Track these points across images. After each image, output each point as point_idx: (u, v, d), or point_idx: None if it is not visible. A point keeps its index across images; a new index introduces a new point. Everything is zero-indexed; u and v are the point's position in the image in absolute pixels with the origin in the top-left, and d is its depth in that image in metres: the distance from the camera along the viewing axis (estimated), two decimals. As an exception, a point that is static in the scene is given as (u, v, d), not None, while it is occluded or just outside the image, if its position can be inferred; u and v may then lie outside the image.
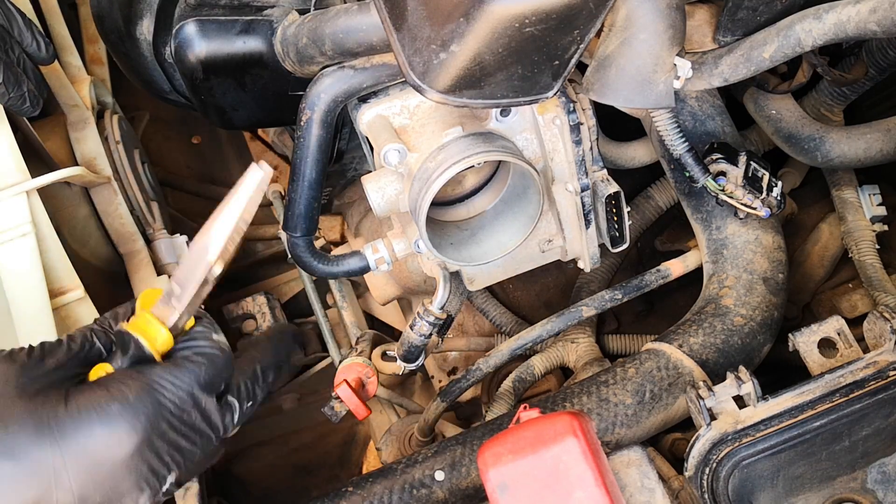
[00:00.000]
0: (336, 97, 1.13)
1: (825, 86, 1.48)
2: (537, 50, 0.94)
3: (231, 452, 1.97)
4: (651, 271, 1.43)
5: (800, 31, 1.05)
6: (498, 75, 0.96)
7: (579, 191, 1.21)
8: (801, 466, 1.02)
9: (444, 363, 1.73)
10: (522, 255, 1.32)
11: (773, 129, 1.48)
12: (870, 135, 1.42)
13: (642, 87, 1.08)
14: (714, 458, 0.99)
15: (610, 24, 1.08)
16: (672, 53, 1.08)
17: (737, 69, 1.14)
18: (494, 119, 1.17)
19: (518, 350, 1.39)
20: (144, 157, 1.75)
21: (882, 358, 1.03)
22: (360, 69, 1.12)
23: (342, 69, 1.13)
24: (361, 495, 1.19)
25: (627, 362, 1.28)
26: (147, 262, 1.59)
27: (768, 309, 1.34)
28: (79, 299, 1.35)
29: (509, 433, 0.93)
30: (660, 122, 1.29)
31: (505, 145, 1.15)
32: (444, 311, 1.25)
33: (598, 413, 1.22)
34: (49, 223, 1.35)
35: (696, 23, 1.20)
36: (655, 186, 1.63)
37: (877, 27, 0.95)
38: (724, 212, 1.41)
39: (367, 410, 1.33)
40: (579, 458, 0.90)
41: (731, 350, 1.29)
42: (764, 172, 1.37)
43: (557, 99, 1.17)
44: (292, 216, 1.22)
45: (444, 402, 1.41)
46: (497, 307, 1.67)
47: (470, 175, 1.24)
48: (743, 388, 1.02)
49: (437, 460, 1.21)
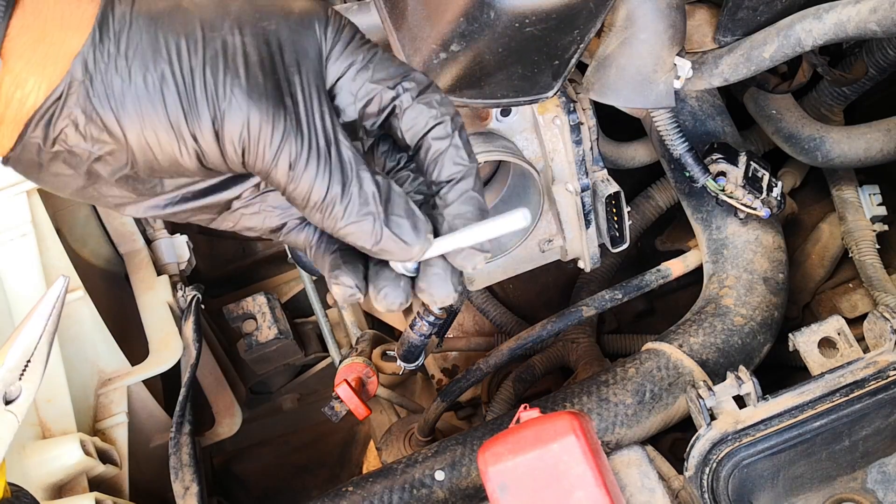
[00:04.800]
0: (336, 97, 1.13)
1: (825, 86, 1.48)
2: (537, 50, 0.95)
3: (231, 452, 1.98)
4: (651, 271, 1.43)
5: (800, 31, 1.05)
6: (498, 75, 0.97)
7: (579, 191, 1.21)
8: (801, 466, 1.02)
9: (444, 363, 1.73)
10: (522, 255, 1.32)
11: (774, 129, 1.48)
12: (870, 135, 1.42)
13: (642, 87, 1.08)
14: (714, 458, 0.99)
15: (610, 24, 1.08)
16: (672, 53, 1.08)
17: (737, 69, 1.14)
18: (494, 119, 1.17)
19: (518, 350, 1.39)
20: (144, 157, 1.74)
21: (882, 358, 1.03)
22: (360, 69, 1.12)
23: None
24: (361, 495, 1.19)
25: (627, 362, 1.28)
26: (147, 262, 1.60)
27: (768, 309, 1.34)
28: (79, 299, 1.35)
29: (509, 433, 0.93)
30: (660, 122, 1.29)
31: (505, 145, 1.15)
32: (444, 311, 1.25)
33: (598, 413, 1.22)
34: (49, 223, 1.35)
35: (696, 23, 1.20)
36: (655, 186, 1.63)
37: (877, 27, 0.95)
38: (724, 212, 1.41)
39: (367, 410, 1.33)
40: (579, 457, 0.90)
41: (732, 350, 1.29)
42: (764, 172, 1.37)
43: (557, 99, 1.17)
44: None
45: (444, 402, 1.41)
46: (497, 307, 1.67)
47: (470, 175, 1.24)
48: (743, 388, 1.02)
49: (437, 460, 1.21)
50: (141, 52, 0.60)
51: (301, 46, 0.63)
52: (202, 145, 0.61)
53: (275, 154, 0.61)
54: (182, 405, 1.38)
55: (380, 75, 0.65)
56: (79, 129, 0.60)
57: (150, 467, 1.46)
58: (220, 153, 0.61)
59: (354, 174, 0.62)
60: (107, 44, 0.60)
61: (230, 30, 0.61)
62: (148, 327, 1.50)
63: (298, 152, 0.61)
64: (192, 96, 0.59)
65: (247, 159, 0.61)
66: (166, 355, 1.44)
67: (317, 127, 0.62)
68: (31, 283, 1.30)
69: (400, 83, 0.65)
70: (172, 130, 0.60)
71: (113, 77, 0.59)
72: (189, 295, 1.52)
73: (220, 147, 0.61)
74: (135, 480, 1.34)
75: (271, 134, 0.60)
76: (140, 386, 1.44)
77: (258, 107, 0.60)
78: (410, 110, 0.65)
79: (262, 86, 0.60)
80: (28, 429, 1.25)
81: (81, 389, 1.35)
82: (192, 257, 1.67)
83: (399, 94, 0.65)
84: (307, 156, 0.61)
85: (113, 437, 1.36)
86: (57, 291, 0.75)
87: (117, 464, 1.31)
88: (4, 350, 0.74)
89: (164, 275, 1.58)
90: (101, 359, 1.41)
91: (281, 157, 0.61)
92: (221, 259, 2.00)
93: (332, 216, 0.63)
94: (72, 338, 1.35)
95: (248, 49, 0.61)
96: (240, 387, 1.76)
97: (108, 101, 0.59)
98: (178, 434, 1.35)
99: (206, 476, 1.41)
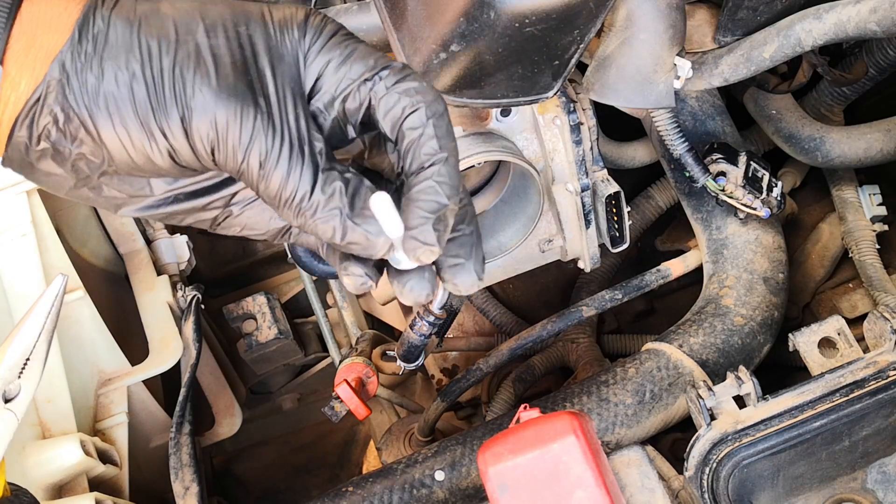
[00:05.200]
0: (336, 97, 1.13)
1: (825, 86, 1.48)
2: (537, 50, 0.95)
3: (231, 452, 1.98)
4: (651, 271, 1.43)
5: (800, 31, 1.05)
6: (498, 75, 0.97)
7: (579, 191, 1.21)
8: (801, 466, 1.02)
9: (444, 363, 1.73)
10: (522, 255, 1.32)
11: (774, 129, 1.48)
12: (870, 135, 1.42)
13: (642, 87, 1.08)
14: (714, 458, 0.99)
15: (610, 24, 1.08)
16: (672, 53, 1.08)
17: (737, 69, 1.14)
18: (494, 119, 1.17)
19: (518, 350, 1.39)
20: (144, 157, 1.74)
21: (882, 358, 1.03)
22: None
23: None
24: (361, 495, 1.19)
25: (627, 362, 1.28)
26: (147, 262, 1.60)
27: (768, 309, 1.34)
28: (79, 299, 1.35)
29: (509, 433, 0.93)
30: (660, 122, 1.29)
31: (505, 145, 1.15)
32: (445, 311, 1.25)
33: (598, 413, 1.22)
34: (49, 223, 1.35)
35: (696, 23, 1.20)
36: (655, 186, 1.63)
37: (877, 27, 0.95)
38: (724, 212, 1.41)
39: (367, 410, 1.33)
40: (579, 457, 0.90)
41: (731, 350, 1.29)
42: (764, 172, 1.37)
43: (557, 99, 1.17)
44: (292, 216, 1.22)
45: (444, 402, 1.41)
46: (497, 307, 1.67)
47: (470, 175, 1.24)
48: (743, 388, 1.02)
49: (437, 460, 1.21)
50: (115, 52, 0.61)
51: (277, 50, 0.65)
52: (172, 143, 0.62)
53: (245, 152, 0.61)
54: (182, 405, 1.38)
55: (357, 68, 0.66)
56: (59, 127, 0.62)
57: (150, 467, 1.46)
58: (192, 151, 0.62)
59: (321, 171, 0.63)
60: (85, 45, 0.61)
61: (205, 33, 0.63)
62: (148, 327, 1.50)
63: (268, 150, 0.61)
64: (162, 94, 0.61)
65: (217, 157, 0.62)
66: (166, 355, 1.44)
67: (290, 126, 0.62)
68: (31, 283, 1.30)
69: (377, 73, 0.66)
70: (142, 128, 0.61)
71: (88, 76, 0.61)
72: (189, 295, 1.52)
73: (190, 144, 0.62)
74: (135, 480, 1.34)
75: (239, 131, 0.61)
76: (140, 386, 1.44)
77: (226, 105, 0.61)
78: (385, 99, 0.65)
79: (233, 86, 0.61)
80: (28, 429, 1.25)
81: (81, 389, 1.35)
82: (192, 257, 1.68)
83: (375, 83, 0.65)
84: (277, 154, 0.62)
85: (113, 437, 1.36)
86: (55, 290, 0.75)
87: (117, 464, 1.31)
88: (3, 348, 0.74)
89: (164, 275, 1.58)
90: (101, 359, 1.41)
91: (251, 155, 0.61)
92: (221, 259, 2.00)
93: (303, 213, 0.63)
94: (72, 338, 1.35)
95: (221, 51, 0.62)
96: (240, 387, 1.76)
97: (82, 98, 0.61)
98: (178, 434, 1.35)
99: (206, 476, 1.41)
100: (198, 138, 0.61)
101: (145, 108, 0.61)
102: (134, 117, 0.61)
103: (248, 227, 0.73)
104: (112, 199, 0.68)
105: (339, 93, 0.66)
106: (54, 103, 0.61)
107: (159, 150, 0.62)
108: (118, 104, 0.61)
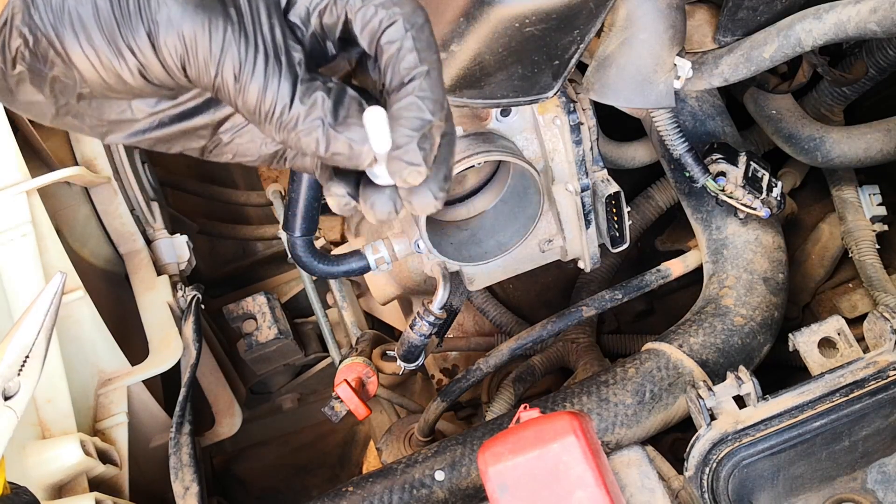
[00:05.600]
0: (336, 97, 1.13)
1: (825, 86, 1.48)
2: (537, 50, 0.95)
3: (231, 452, 1.98)
4: (651, 271, 1.43)
5: (800, 31, 1.05)
6: (498, 75, 0.97)
7: (579, 191, 1.21)
8: (801, 466, 1.02)
9: (444, 363, 1.73)
10: (522, 255, 1.32)
11: (773, 129, 1.48)
12: (870, 135, 1.42)
13: (642, 87, 1.08)
14: (714, 458, 0.99)
15: (610, 24, 1.08)
16: (672, 53, 1.08)
17: (737, 69, 1.14)
18: (494, 119, 1.17)
19: (518, 350, 1.39)
20: (144, 157, 1.75)
21: (882, 358, 1.03)
22: (360, 69, 1.12)
23: (342, 69, 1.13)
24: (361, 495, 1.19)
25: (627, 362, 1.28)
26: (147, 262, 1.60)
27: (768, 309, 1.34)
28: (79, 299, 1.35)
29: (509, 433, 0.93)
30: (660, 122, 1.30)
31: (505, 145, 1.15)
32: (445, 311, 1.25)
33: (598, 413, 1.22)
34: (49, 223, 1.35)
35: (696, 23, 1.20)
36: (655, 186, 1.63)
37: (877, 27, 0.95)
38: (724, 212, 1.41)
39: (367, 410, 1.33)
40: (579, 457, 0.90)
41: (731, 350, 1.29)
42: (764, 172, 1.37)
43: (557, 99, 1.17)
44: (292, 216, 1.22)
45: (444, 402, 1.41)
46: (497, 307, 1.67)
47: (470, 175, 1.24)
48: (743, 388, 1.02)
49: (437, 460, 1.21)
50: None
51: None
52: (141, 59, 0.60)
53: (217, 65, 0.60)
54: (182, 405, 1.38)
55: None
56: (30, 48, 0.61)
57: (150, 467, 1.46)
58: (162, 67, 0.60)
59: (300, 82, 0.60)
60: None
61: None
62: (148, 327, 1.50)
63: (242, 61, 0.59)
64: (126, 9, 0.59)
65: (189, 72, 0.61)
66: (166, 355, 1.44)
67: (264, 35, 0.60)
68: (31, 283, 1.30)
69: None
70: (109, 45, 0.60)
71: None
72: (189, 295, 1.52)
73: (160, 60, 0.60)
74: (135, 480, 1.34)
75: (209, 44, 0.59)
76: (140, 386, 1.44)
77: (193, 17, 0.59)
78: (361, 12, 0.62)
79: None
80: (28, 429, 1.25)
81: (81, 389, 1.35)
82: (192, 257, 1.68)
83: None
84: (252, 64, 0.60)
85: (113, 437, 1.36)
86: (54, 288, 0.75)
87: (117, 464, 1.31)
88: (3, 346, 0.74)
89: (164, 275, 1.58)
90: (101, 359, 1.41)
91: (224, 68, 0.60)
92: (221, 259, 2.00)
93: (284, 127, 0.61)
94: (72, 338, 1.35)
95: None
96: (240, 387, 1.76)
97: (48, 17, 0.60)
98: (178, 434, 1.35)
99: (206, 476, 1.41)
100: (167, 53, 0.60)
101: (110, 25, 0.59)
102: (100, 35, 0.59)
103: (239, 153, 0.71)
104: (97, 126, 0.66)
105: (315, 6, 0.63)
106: (21, 24, 0.60)
107: (129, 67, 0.61)
108: (83, 21, 0.59)
